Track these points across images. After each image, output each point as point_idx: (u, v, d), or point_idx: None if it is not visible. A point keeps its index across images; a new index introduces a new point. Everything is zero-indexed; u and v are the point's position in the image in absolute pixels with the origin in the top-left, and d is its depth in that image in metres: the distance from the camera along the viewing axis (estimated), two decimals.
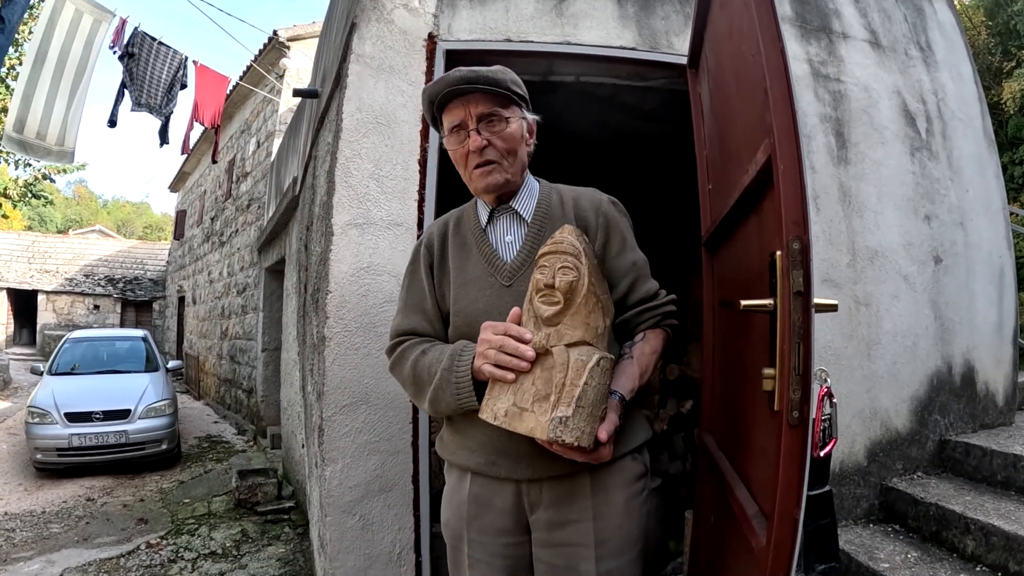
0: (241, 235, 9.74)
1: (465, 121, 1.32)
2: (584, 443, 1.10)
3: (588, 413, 1.11)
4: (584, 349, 1.16)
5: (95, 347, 7.95)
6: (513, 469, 1.27)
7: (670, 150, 3.83)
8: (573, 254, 1.19)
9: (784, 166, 1.14)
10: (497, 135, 1.32)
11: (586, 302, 1.18)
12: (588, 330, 1.18)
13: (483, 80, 1.29)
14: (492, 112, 1.32)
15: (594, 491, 1.26)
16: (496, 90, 1.31)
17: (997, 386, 2.91)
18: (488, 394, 1.20)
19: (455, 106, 1.33)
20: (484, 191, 1.36)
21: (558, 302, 1.17)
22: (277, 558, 3.79)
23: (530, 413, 1.14)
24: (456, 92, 1.31)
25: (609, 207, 1.40)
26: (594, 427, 1.12)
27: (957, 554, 2.17)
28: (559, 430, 1.09)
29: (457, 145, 1.35)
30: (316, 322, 2.42)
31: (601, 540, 1.24)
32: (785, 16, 2.78)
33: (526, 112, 1.39)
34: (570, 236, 1.22)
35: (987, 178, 3.09)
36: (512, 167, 1.35)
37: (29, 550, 4.06)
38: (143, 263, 20.84)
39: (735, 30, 1.53)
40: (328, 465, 2.11)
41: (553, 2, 2.53)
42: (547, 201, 1.40)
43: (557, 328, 1.17)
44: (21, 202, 10.54)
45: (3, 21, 4.32)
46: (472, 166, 1.34)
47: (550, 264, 1.20)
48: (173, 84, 5.75)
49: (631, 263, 1.37)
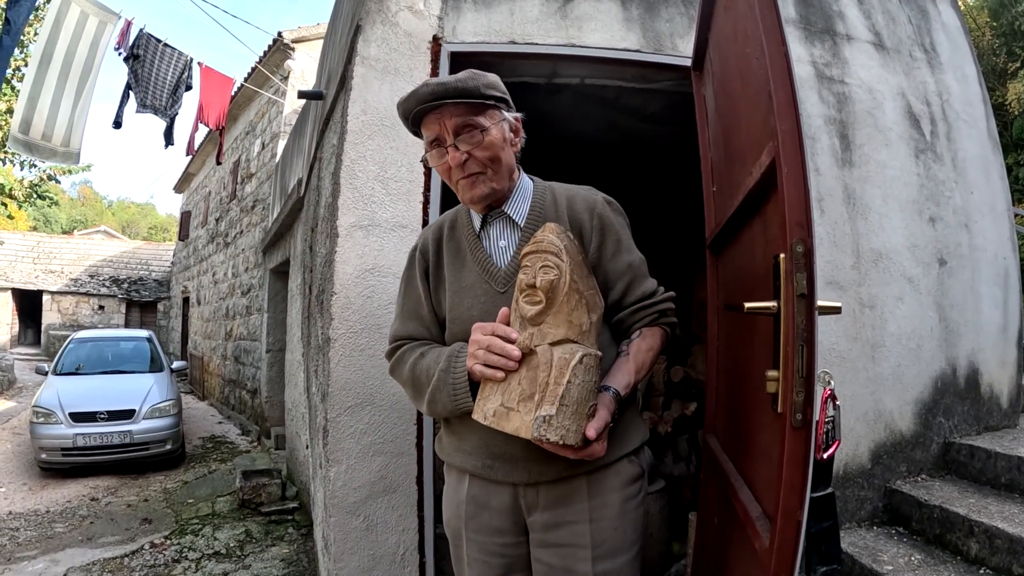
0: (246, 236, 9.76)
1: (442, 135, 1.29)
2: (570, 441, 1.10)
3: (573, 411, 1.11)
4: (567, 347, 1.16)
5: (100, 347, 7.99)
6: (509, 473, 1.27)
7: (674, 152, 3.84)
8: (554, 252, 1.19)
9: (788, 169, 1.15)
10: (476, 146, 1.28)
11: (568, 300, 1.18)
12: (572, 328, 1.17)
13: (452, 92, 1.25)
14: (467, 123, 1.28)
15: (590, 493, 1.27)
16: (468, 100, 1.27)
17: (1002, 388, 2.90)
18: (480, 394, 1.21)
19: (430, 121, 1.30)
20: (471, 203, 1.35)
21: (540, 301, 1.17)
22: (281, 558, 3.80)
23: (516, 412, 1.15)
24: (428, 108, 1.28)
25: (604, 208, 1.38)
26: (580, 424, 1.12)
27: (961, 557, 2.16)
28: (543, 428, 1.09)
29: (439, 161, 1.32)
30: (321, 323, 2.43)
31: (597, 541, 1.25)
32: (789, 18, 2.78)
33: (506, 112, 1.34)
34: (551, 234, 1.21)
35: (992, 180, 3.08)
36: (497, 174, 1.32)
37: (33, 549, 4.08)
38: (148, 264, 20.91)
39: (739, 32, 1.53)
40: (333, 466, 2.12)
41: (558, 4, 2.54)
42: (541, 202, 1.38)
43: (540, 327, 1.17)
44: (26, 203, 10.58)
45: (9, 23, 4.34)
46: (456, 179, 1.32)
47: (532, 264, 1.20)
48: (178, 86, 5.78)
49: (627, 264, 1.36)
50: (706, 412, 1.98)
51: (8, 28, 4.33)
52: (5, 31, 4.29)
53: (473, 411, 1.20)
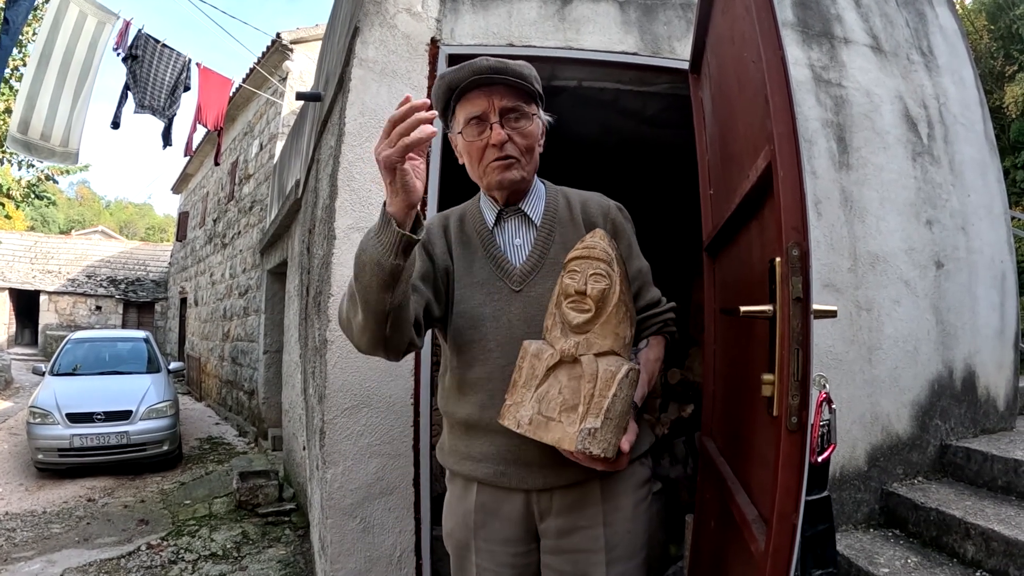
0: (243, 237, 9.76)
1: (487, 113, 1.26)
2: (610, 454, 1.09)
3: (615, 424, 1.10)
4: (612, 359, 1.13)
5: (97, 348, 7.98)
6: (524, 479, 1.25)
7: (672, 154, 3.84)
8: (606, 260, 1.17)
9: (784, 173, 1.15)
10: (519, 131, 1.28)
11: (616, 311, 1.16)
12: (617, 340, 1.15)
13: (511, 72, 1.25)
14: (516, 107, 1.27)
15: (604, 497, 1.26)
16: (522, 84, 1.27)
17: (998, 391, 2.91)
18: (509, 399, 1.17)
19: (477, 96, 1.26)
20: (498, 187, 1.31)
21: (589, 310, 1.14)
22: (278, 560, 3.80)
23: (557, 423, 1.11)
24: (481, 81, 1.25)
25: (617, 213, 1.39)
26: (619, 438, 1.11)
27: (957, 559, 2.17)
28: (588, 442, 1.07)
29: (475, 137, 1.28)
30: (318, 325, 2.43)
31: (611, 545, 1.24)
32: (787, 21, 2.79)
33: (542, 112, 1.35)
34: (602, 241, 1.19)
35: (989, 183, 3.09)
36: (528, 165, 1.32)
37: (30, 550, 4.07)
38: (145, 264, 20.88)
39: (736, 35, 1.54)
40: (329, 468, 2.12)
41: (556, 7, 2.54)
42: (554, 204, 1.38)
43: (587, 336, 1.15)
44: (24, 203, 10.56)
45: (7, 23, 4.34)
46: (490, 159, 1.28)
47: (581, 269, 1.17)
48: (176, 86, 5.78)
49: (637, 270, 1.36)
50: (703, 415, 1.98)
51: (7, 28, 4.33)
52: (4, 31, 4.29)
53: (501, 416, 1.17)
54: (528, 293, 1.29)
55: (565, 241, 1.32)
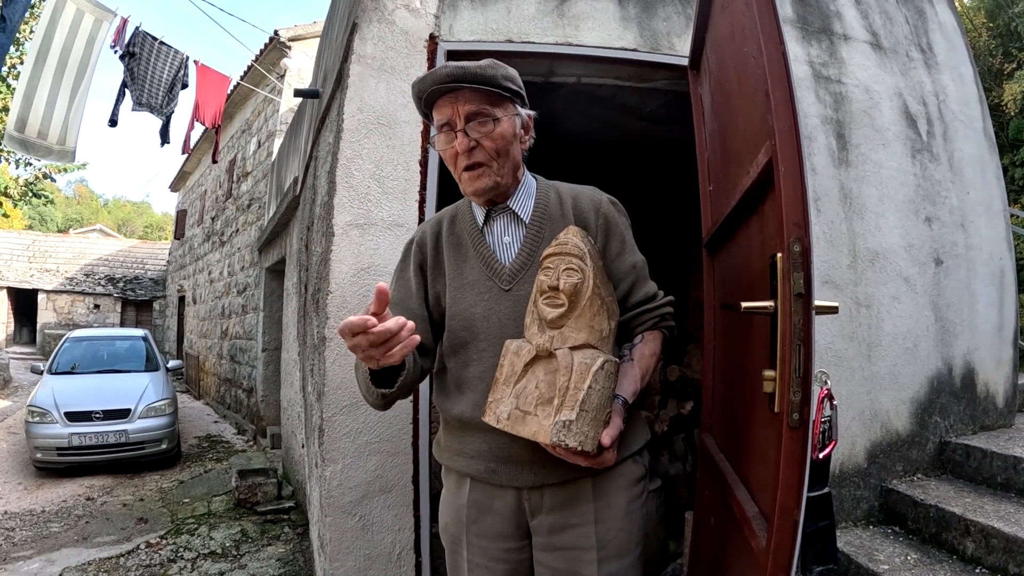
0: (242, 235, 9.74)
1: (453, 120, 1.26)
2: (588, 447, 1.09)
3: (592, 417, 1.10)
4: (588, 352, 1.15)
5: (95, 346, 7.96)
6: (514, 477, 1.26)
7: (671, 151, 3.84)
8: (578, 255, 1.18)
9: (785, 168, 1.14)
10: (486, 136, 1.26)
11: (591, 304, 1.17)
12: (592, 333, 1.16)
13: (471, 77, 1.23)
14: (480, 111, 1.25)
15: (596, 495, 1.26)
16: (485, 88, 1.25)
17: (997, 388, 2.91)
18: (491, 396, 1.19)
19: (443, 103, 1.27)
20: (473, 195, 1.32)
21: (562, 304, 1.16)
22: (277, 558, 3.79)
23: (533, 417, 1.12)
24: (444, 90, 1.25)
25: (609, 207, 1.37)
26: (598, 431, 1.11)
27: (957, 556, 2.17)
28: (562, 434, 1.08)
29: (446, 145, 1.29)
30: (317, 322, 2.42)
31: (603, 543, 1.24)
32: (786, 18, 2.78)
33: (520, 108, 1.32)
34: (575, 237, 1.20)
35: (988, 180, 3.09)
36: (503, 168, 1.29)
37: (29, 549, 4.06)
38: (143, 263, 20.84)
39: (736, 31, 1.53)
40: (328, 465, 2.11)
41: (555, 3, 2.53)
42: (545, 200, 1.37)
43: (561, 331, 1.16)
44: (22, 201, 10.56)
45: (4, 20, 4.32)
46: (461, 168, 1.29)
47: (554, 266, 1.18)
48: (174, 84, 5.76)
49: (631, 265, 1.36)
50: (702, 411, 1.97)
51: (3, 25, 4.30)
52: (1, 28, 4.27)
53: (484, 414, 1.18)
54: (517, 292, 1.29)
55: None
